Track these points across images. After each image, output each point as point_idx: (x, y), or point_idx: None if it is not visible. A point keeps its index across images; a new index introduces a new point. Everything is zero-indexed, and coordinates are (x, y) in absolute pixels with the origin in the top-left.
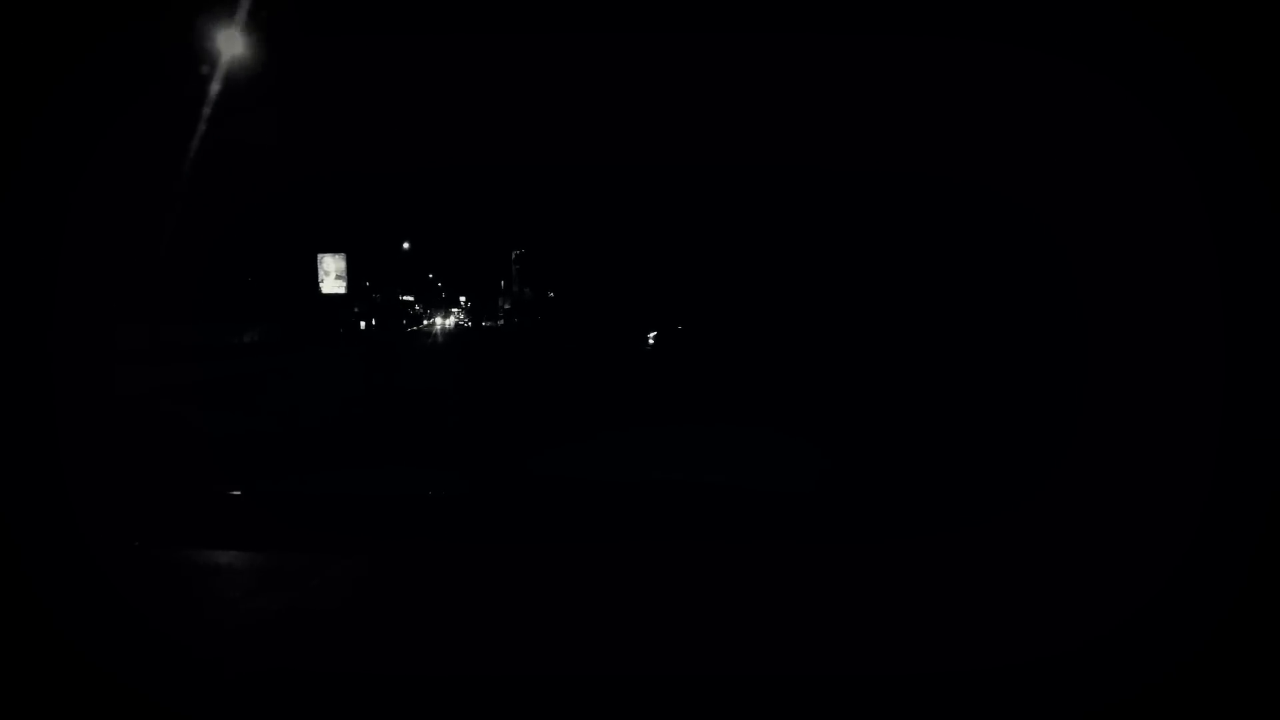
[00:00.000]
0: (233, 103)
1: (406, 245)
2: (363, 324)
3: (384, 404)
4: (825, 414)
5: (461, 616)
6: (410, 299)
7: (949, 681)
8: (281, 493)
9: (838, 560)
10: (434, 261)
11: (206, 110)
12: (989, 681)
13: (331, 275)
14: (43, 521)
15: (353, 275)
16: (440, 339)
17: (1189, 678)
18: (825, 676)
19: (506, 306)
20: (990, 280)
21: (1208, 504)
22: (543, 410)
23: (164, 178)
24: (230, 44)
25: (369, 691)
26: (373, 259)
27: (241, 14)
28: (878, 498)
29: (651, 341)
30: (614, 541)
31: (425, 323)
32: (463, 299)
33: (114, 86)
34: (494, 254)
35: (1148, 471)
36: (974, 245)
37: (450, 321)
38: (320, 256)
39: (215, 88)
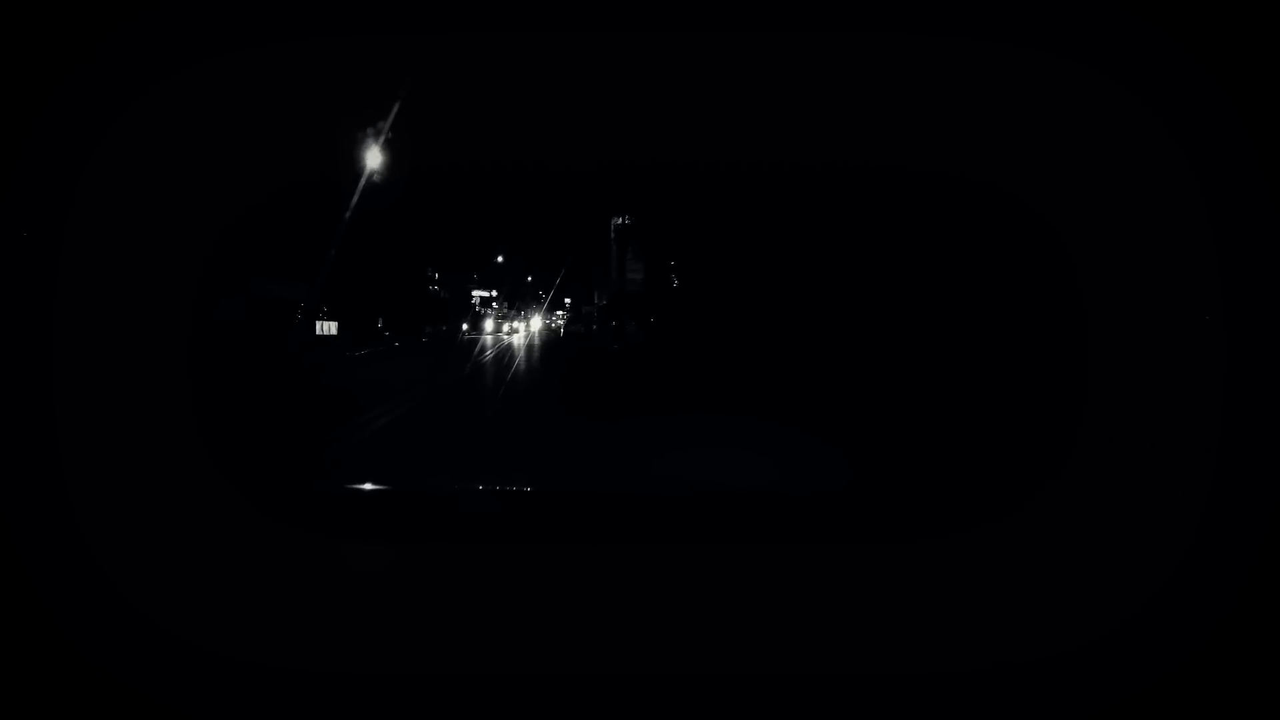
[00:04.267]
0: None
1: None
2: (329, 326)
3: None
4: (834, 415)
5: (469, 618)
6: (488, 295)
7: (953, 681)
8: (285, 494)
9: (843, 562)
10: (533, 264)
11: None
12: (992, 681)
13: None
14: (43, 521)
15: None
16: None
17: (1190, 677)
18: (832, 676)
19: (603, 303)
20: (993, 279)
21: (1208, 505)
22: None
23: (191, 175)
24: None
25: (371, 691)
26: (443, 252)
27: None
28: (882, 500)
29: None
30: (632, 544)
31: (496, 327)
32: (568, 301)
33: (114, 86)
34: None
35: (1149, 473)
36: (977, 244)
37: (519, 330)
38: None
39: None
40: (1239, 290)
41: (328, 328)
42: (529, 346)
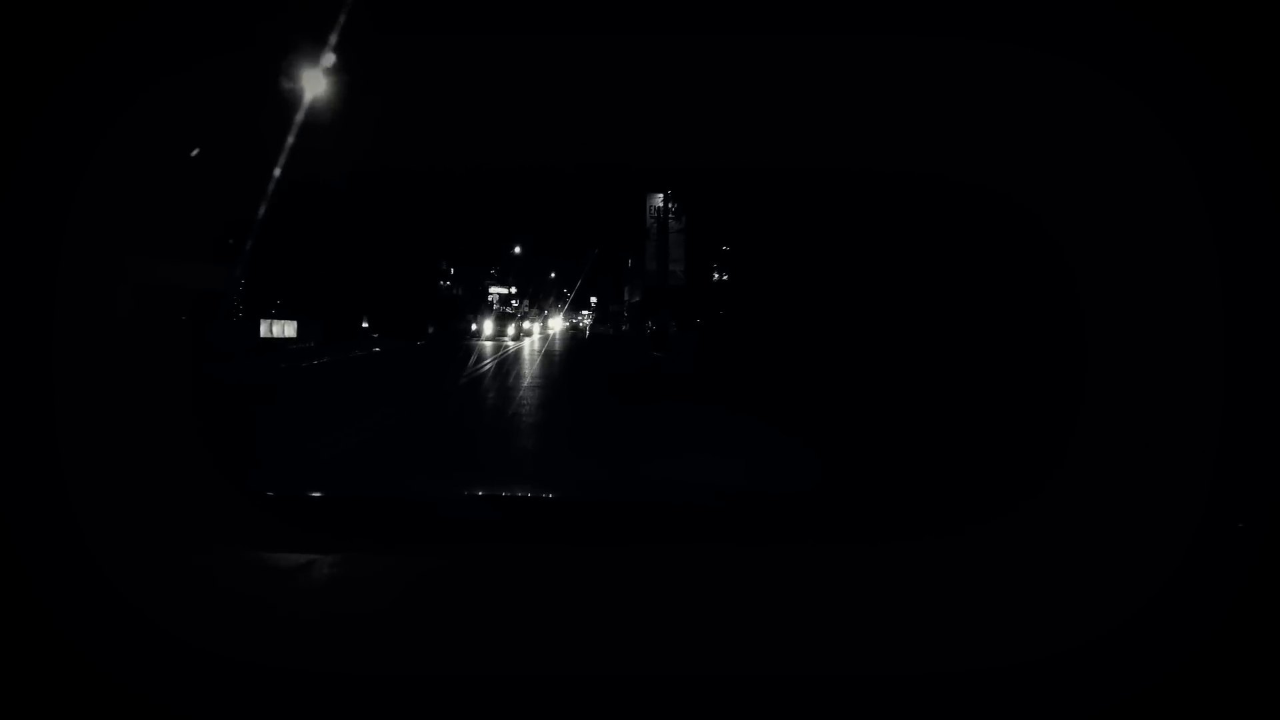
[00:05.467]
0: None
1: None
2: (274, 327)
3: None
4: (826, 412)
5: (470, 618)
6: (506, 291)
7: (947, 682)
8: (291, 494)
9: (837, 561)
10: (555, 259)
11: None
12: (988, 682)
13: None
14: (43, 521)
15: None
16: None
17: (1189, 678)
18: (823, 676)
19: (635, 299)
20: (989, 280)
21: (1208, 503)
22: None
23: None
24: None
25: (375, 692)
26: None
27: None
28: (879, 498)
29: None
30: (619, 545)
31: (498, 328)
32: (594, 300)
33: (114, 86)
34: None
35: (1148, 471)
36: (972, 244)
37: (534, 332)
38: None
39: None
40: (1239, 290)
41: (283, 328)
42: (546, 354)
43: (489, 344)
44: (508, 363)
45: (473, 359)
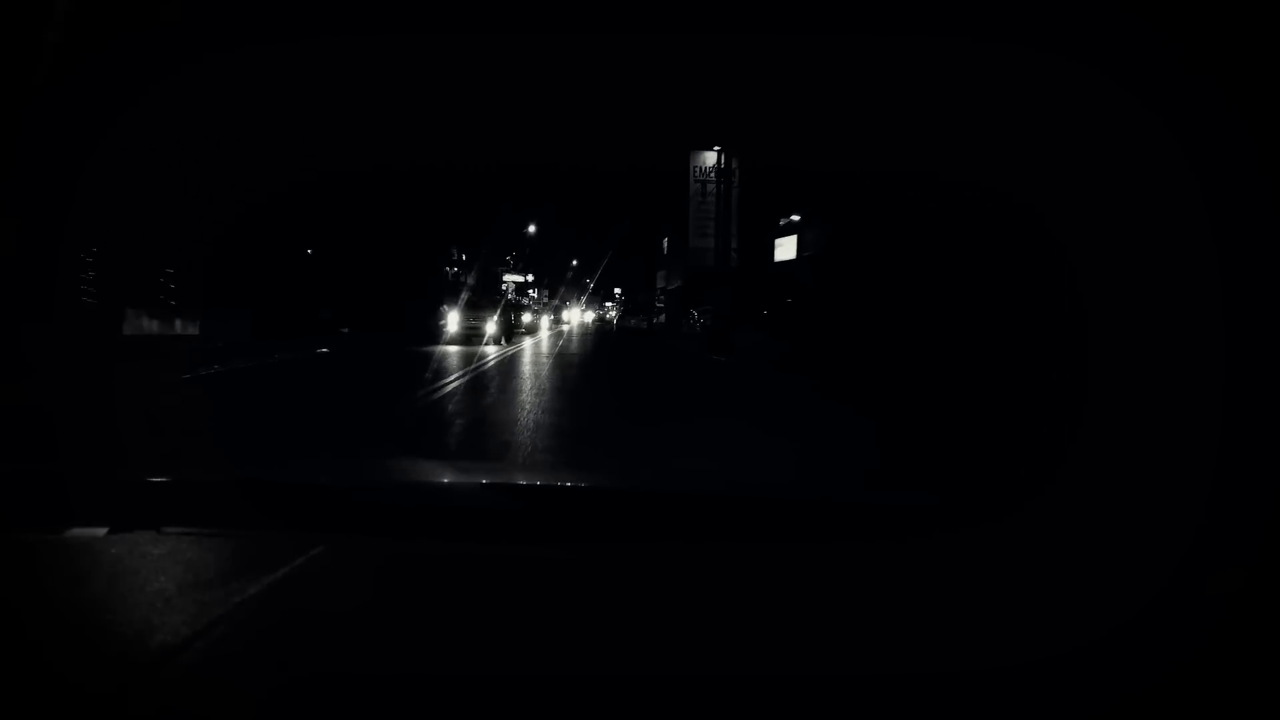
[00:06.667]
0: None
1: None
2: (154, 322)
3: None
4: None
5: (465, 617)
6: (524, 280)
7: (949, 682)
8: (276, 481)
9: (837, 560)
10: (574, 245)
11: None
12: (989, 682)
13: None
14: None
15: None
16: None
17: (1190, 679)
18: (825, 676)
19: (674, 285)
20: (990, 280)
21: (1210, 502)
22: None
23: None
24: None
25: (369, 692)
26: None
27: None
28: (876, 496)
29: None
30: (627, 542)
31: (469, 326)
32: (617, 291)
33: (113, 87)
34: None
35: (1150, 470)
36: (974, 244)
37: (542, 328)
38: None
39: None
40: (1240, 289)
41: (174, 323)
42: (559, 357)
43: (440, 352)
44: (484, 383)
45: (430, 375)
